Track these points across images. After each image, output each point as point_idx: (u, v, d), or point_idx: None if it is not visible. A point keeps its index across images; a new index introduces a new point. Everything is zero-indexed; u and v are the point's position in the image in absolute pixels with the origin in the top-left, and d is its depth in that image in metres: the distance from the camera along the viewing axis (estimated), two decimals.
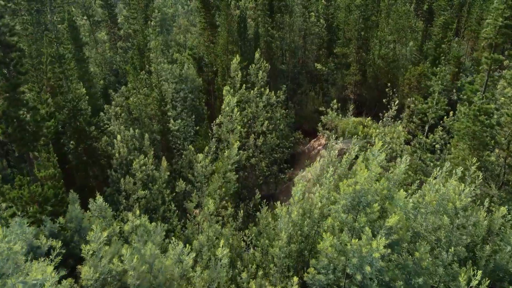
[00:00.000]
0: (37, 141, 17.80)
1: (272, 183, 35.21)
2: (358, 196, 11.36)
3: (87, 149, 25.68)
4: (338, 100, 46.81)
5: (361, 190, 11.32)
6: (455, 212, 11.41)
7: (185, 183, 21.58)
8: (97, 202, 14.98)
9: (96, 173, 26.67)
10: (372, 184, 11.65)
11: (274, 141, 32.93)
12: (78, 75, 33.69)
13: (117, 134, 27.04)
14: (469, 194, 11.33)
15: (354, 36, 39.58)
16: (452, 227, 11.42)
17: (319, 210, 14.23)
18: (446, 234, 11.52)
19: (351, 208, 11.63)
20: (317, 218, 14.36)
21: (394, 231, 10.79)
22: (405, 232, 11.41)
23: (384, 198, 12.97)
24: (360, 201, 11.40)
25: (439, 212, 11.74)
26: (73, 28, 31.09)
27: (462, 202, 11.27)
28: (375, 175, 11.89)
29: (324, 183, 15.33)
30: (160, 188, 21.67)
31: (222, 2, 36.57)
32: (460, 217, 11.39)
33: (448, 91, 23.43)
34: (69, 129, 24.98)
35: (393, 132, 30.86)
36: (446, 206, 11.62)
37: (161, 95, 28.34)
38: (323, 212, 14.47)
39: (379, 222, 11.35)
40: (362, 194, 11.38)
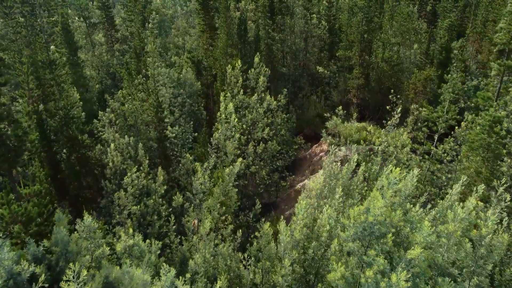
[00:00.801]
0: (20, 156, 16.66)
1: (273, 191, 34.08)
2: (370, 226, 10.24)
3: (80, 158, 24.57)
4: (341, 103, 45.78)
5: (374, 221, 10.21)
6: (480, 239, 10.30)
7: (182, 196, 20.46)
8: (85, 222, 13.85)
9: (90, 183, 25.55)
10: (388, 215, 10.56)
11: (275, 147, 31.83)
12: (73, 80, 32.64)
13: (111, 142, 25.95)
14: (496, 219, 10.22)
15: (357, 38, 38.48)
16: (475, 255, 10.32)
17: (327, 234, 13.10)
18: (468, 263, 10.42)
19: (362, 238, 10.52)
20: (325, 242, 13.24)
21: (416, 263, 9.68)
22: (427, 265, 10.31)
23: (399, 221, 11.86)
24: (372, 232, 10.29)
25: (463, 241, 10.64)
26: (67, 32, 29.98)
27: (488, 228, 10.17)
28: (390, 204, 10.81)
29: (333, 204, 14.20)
30: (156, 203, 20.56)
31: (221, 4, 35.45)
32: (485, 244, 10.28)
33: (457, 98, 22.38)
34: (61, 137, 23.86)
35: (397, 140, 29.80)
36: (469, 232, 10.53)
37: (158, 101, 27.23)
38: (331, 235, 13.37)
39: (398, 252, 10.26)
40: (375, 224, 10.27)
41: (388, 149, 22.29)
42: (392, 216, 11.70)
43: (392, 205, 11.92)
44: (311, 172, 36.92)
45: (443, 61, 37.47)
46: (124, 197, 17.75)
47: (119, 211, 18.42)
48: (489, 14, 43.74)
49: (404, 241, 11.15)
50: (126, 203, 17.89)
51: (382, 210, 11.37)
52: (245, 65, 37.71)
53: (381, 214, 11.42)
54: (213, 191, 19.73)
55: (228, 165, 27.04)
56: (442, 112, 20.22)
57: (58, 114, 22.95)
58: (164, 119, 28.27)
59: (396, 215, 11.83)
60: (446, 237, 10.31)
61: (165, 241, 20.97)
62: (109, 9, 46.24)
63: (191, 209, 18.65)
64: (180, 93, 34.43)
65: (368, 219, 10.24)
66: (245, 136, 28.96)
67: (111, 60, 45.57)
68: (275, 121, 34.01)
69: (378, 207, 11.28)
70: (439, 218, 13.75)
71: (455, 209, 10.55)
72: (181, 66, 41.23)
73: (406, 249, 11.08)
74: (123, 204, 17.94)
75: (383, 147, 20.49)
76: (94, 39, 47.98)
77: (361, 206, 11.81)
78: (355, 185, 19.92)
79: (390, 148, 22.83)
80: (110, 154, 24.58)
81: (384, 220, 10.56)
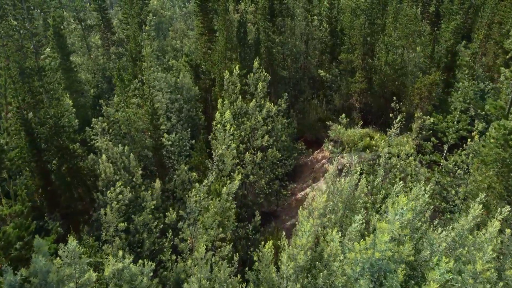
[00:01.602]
0: None
1: (274, 200, 32.92)
2: (378, 263, 9.14)
3: (71, 169, 23.47)
4: (343, 108, 44.64)
5: (381, 258, 9.10)
6: None
7: (175, 212, 19.34)
8: (69, 247, 12.74)
9: (82, 195, 24.45)
10: (396, 250, 9.46)
11: (275, 155, 30.70)
12: (66, 85, 31.56)
13: (103, 152, 24.86)
14: None
15: (360, 41, 37.33)
16: None
17: (339, 263, 11.96)
18: None
19: (370, 274, 9.41)
20: (336, 271, 12.11)
21: None
22: None
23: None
24: (380, 268, 9.18)
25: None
26: (59, 36, 28.86)
27: None
28: (398, 236, 9.71)
29: (350, 233, 13.06)
30: (146, 220, 19.45)
31: (220, 7, 34.33)
32: None
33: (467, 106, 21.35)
34: (51, 147, 22.75)
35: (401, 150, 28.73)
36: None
37: (153, 108, 26.12)
38: (342, 262, 12.25)
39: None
40: (383, 259, 9.16)
41: (390, 160, 21.15)
42: (401, 250, 10.61)
43: (401, 237, 10.83)
44: (312, 180, 35.85)
45: (449, 65, 36.34)
46: (110, 213, 16.63)
47: (107, 227, 17.32)
48: (495, 16, 42.62)
49: (417, 275, 10.05)
50: (112, 220, 16.77)
51: (389, 245, 10.29)
52: (244, 69, 36.62)
53: (389, 249, 10.34)
54: (210, 206, 18.62)
55: (226, 175, 25.95)
56: (452, 121, 19.09)
57: (48, 123, 21.84)
58: (159, 126, 27.17)
59: (406, 249, 10.74)
60: (472, 276, 9.19)
61: (160, 257, 19.90)
62: (106, 11, 45.13)
63: (185, 226, 17.54)
64: (177, 99, 33.32)
65: (374, 255, 9.12)
66: (244, 145, 27.85)
67: (107, 63, 44.47)
68: (276, 126, 32.87)
69: (385, 242, 10.20)
70: (458, 241, 12.66)
71: (482, 242, 9.42)
72: (178, 70, 40.12)
73: (420, 285, 9.99)
74: (110, 221, 16.83)
75: (385, 159, 19.35)
76: (90, 42, 46.88)
77: (367, 238, 10.72)
78: (357, 199, 18.84)
79: (393, 159, 21.69)
80: (102, 165, 23.50)
81: (392, 256, 9.45)
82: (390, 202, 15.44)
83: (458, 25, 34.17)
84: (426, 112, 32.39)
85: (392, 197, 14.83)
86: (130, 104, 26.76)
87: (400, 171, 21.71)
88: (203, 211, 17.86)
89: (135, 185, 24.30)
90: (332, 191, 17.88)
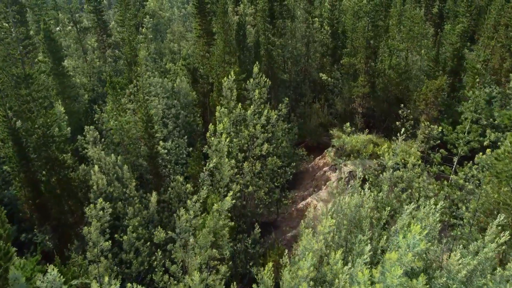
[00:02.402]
0: None
1: (273, 209, 31.75)
2: None
3: (61, 181, 22.36)
4: (345, 112, 43.49)
5: None
6: None
7: (164, 231, 18.20)
8: (49, 277, 11.64)
9: (73, 208, 23.35)
10: (408, 285, 8.36)
11: (276, 162, 29.56)
12: (58, 91, 30.45)
13: (95, 162, 23.76)
14: None
15: (363, 44, 36.19)
16: None
17: None
18: None
19: None
20: None
21: None
22: None
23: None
24: None
25: None
26: (50, 40, 27.73)
27: None
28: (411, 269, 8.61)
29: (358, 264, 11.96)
30: (132, 239, 18.35)
31: (219, 9, 33.21)
32: None
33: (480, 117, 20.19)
34: (40, 158, 21.66)
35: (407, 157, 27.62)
36: None
37: (148, 115, 25.00)
38: None
39: None
40: None
41: (396, 173, 19.98)
42: (414, 285, 9.51)
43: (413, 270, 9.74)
44: (314, 188, 34.74)
45: (455, 69, 35.21)
46: (93, 232, 15.52)
47: (91, 247, 16.22)
48: (502, 18, 41.44)
49: None
50: (95, 240, 15.66)
51: (401, 280, 9.19)
52: (244, 73, 35.48)
53: (401, 284, 9.24)
54: (204, 223, 17.47)
55: (224, 186, 24.83)
56: (463, 132, 17.97)
57: (36, 133, 20.73)
58: (154, 134, 26.05)
59: (419, 283, 9.64)
60: None
61: (151, 276, 18.79)
62: (102, 12, 44.01)
63: (177, 246, 16.40)
64: (174, 104, 32.20)
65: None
66: (243, 153, 26.73)
67: (103, 66, 43.36)
68: (276, 131, 31.71)
69: (396, 276, 9.10)
70: (480, 270, 11.57)
71: None
72: (176, 73, 39.01)
73: None
74: (93, 240, 15.72)
75: (390, 174, 18.22)
76: (86, 44, 45.75)
77: (374, 270, 9.61)
78: (364, 219, 17.71)
79: (398, 172, 20.51)
80: (94, 176, 22.41)
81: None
82: (400, 224, 14.34)
83: (465, 28, 33.02)
84: (432, 118, 31.28)
85: (402, 219, 13.72)
86: (123, 112, 25.67)
87: (407, 182, 20.58)
88: (197, 229, 16.74)
89: (128, 197, 23.24)
90: (336, 210, 16.74)
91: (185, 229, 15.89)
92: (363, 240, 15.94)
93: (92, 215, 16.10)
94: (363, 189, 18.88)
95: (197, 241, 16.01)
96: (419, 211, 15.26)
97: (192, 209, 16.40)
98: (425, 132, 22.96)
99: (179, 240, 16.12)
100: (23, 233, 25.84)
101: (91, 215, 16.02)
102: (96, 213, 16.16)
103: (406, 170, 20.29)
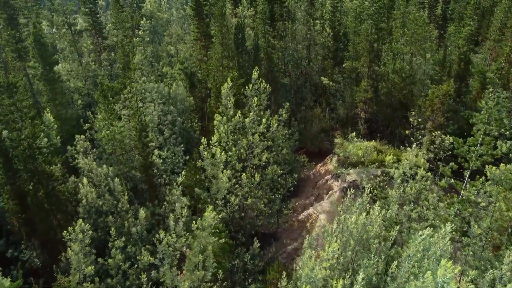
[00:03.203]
0: None
1: (273, 221, 30.47)
2: None
3: (49, 194, 21.17)
4: (347, 117, 42.27)
5: None
6: None
7: (149, 254, 17.00)
8: None
9: (62, 222, 22.15)
10: None
11: (276, 171, 28.36)
12: (48, 98, 29.28)
13: (85, 174, 22.60)
14: None
15: (366, 48, 34.98)
16: None
17: None
18: None
19: None
20: None
21: None
22: None
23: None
24: None
25: None
26: (40, 44, 26.54)
27: None
28: None
29: None
30: (118, 262, 17.17)
31: (216, 12, 32.02)
32: None
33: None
34: (26, 171, 20.48)
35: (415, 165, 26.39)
36: None
37: (141, 124, 23.82)
38: None
39: None
40: None
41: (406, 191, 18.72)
42: None
43: None
44: (315, 197, 33.51)
45: (461, 73, 33.99)
46: (72, 258, 14.34)
47: (74, 272, 15.04)
48: (508, 20, 40.20)
49: None
50: (76, 266, 14.48)
51: None
52: (243, 78, 34.26)
53: None
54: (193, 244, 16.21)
55: (221, 199, 23.65)
56: (475, 145, 16.77)
57: (21, 145, 19.55)
58: (148, 143, 24.86)
59: None
60: None
61: None
62: (97, 14, 42.83)
63: (166, 269, 15.17)
64: (171, 111, 30.99)
65: None
66: (240, 164, 25.53)
67: (99, 69, 42.17)
68: (276, 136, 30.46)
69: None
70: None
71: None
72: (173, 78, 37.83)
73: None
74: (74, 266, 14.54)
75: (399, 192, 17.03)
76: (82, 46, 44.52)
77: None
78: (372, 239, 16.51)
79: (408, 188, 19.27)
80: (82, 189, 21.25)
81: None
82: (413, 249, 13.12)
83: (471, 31, 31.80)
84: (439, 125, 30.08)
85: (415, 245, 12.52)
86: (116, 120, 24.49)
87: (415, 195, 19.35)
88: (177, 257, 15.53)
89: (120, 211, 22.07)
90: (342, 230, 15.55)
91: (168, 254, 14.66)
92: (369, 264, 14.77)
93: (72, 238, 14.91)
94: (370, 205, 17.72)
95: (186, 264, 14.83)
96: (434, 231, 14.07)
97: (173, 230, 15.20)
98: (434, 141, 21.73)
99: (163, 266, 14.85)
100: (11, 246, 24.68)
101: (70, 238, 14.83)
102: (75, 236, 14.95)
103: (415, 181, 19.04)
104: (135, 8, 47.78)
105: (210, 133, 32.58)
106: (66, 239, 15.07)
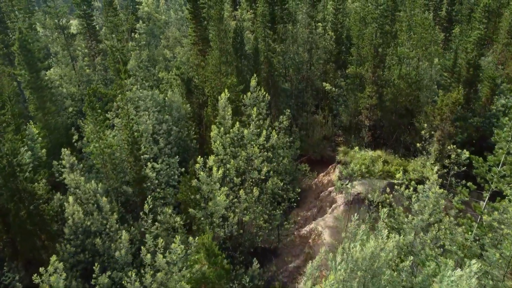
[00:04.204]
0: None
1: (274, 238, 28.87)
2: None
3: (31, 214, 19.62)
4: (350, 125, 40.70)
5: None
6: None
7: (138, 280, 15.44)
8: None
9: (46, 243, 20.62)
10: None
11: (277, 184, 26.82)
12: (36, 107, 27.74)
13: (72, 191, 21.04)
14: None
15: (371, 53, 33.42)
16: None
17: None
18: None
19: None
20: None
21: None
22: None
23: None
24: None
25: None
26: (26, 50, 25.00)
27: None
28: None
29: None
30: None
31: (214, 16, 30.47)
32: None
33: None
34: (6, 189, 18.93)
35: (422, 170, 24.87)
36: None
37: (133, 136, 22.29)
38: None
39: None
40: None
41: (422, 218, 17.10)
42: None
43: None
44: (318, 209, 31.94)
45: (470, 79, 32.45)
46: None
47: None
48: None
49: None
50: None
51: None
52: (242, 84, 32.68)
53: None
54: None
55: (218, 217, 22.10)
56: (497, 165, 15.24)
57: (1, 162, 18.01)
58: (140, 156, 23.31)
59: None
60: None
61: None
62: (91, 17, 41.31)
63: None
64: (166, 120, 29.43)
65: None
66: (239, 178, 23.97)
67: (93, 73, 40.65)
68: (277, 146, 28.92)
69: None
70: None
71: None
72: (169, 83, 36.26)
73: None
74: None
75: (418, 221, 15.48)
76: (77, 49, 42.95)
77: None
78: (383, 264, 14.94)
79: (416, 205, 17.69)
80: (68, 209, 19.70)
81: None
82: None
83: (481, 35, 30.24)
84: (448, 134, 28.53)
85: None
86: (106, 130, 22.95)
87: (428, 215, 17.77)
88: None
89: (109, 231, 20.50)
90: (346, 260, 14.00)
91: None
92: None
93: (50, 271, 13.36)
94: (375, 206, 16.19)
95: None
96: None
97: (147, 268, 13.65)
98: (442, 151, 20.18)
99: None
100: None
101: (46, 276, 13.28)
102: (51, 273, 13.41)
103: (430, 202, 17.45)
104: (130, 10, 46.18)
105: (207, 142, 31.04)
106: (45, 277, 13.51)
